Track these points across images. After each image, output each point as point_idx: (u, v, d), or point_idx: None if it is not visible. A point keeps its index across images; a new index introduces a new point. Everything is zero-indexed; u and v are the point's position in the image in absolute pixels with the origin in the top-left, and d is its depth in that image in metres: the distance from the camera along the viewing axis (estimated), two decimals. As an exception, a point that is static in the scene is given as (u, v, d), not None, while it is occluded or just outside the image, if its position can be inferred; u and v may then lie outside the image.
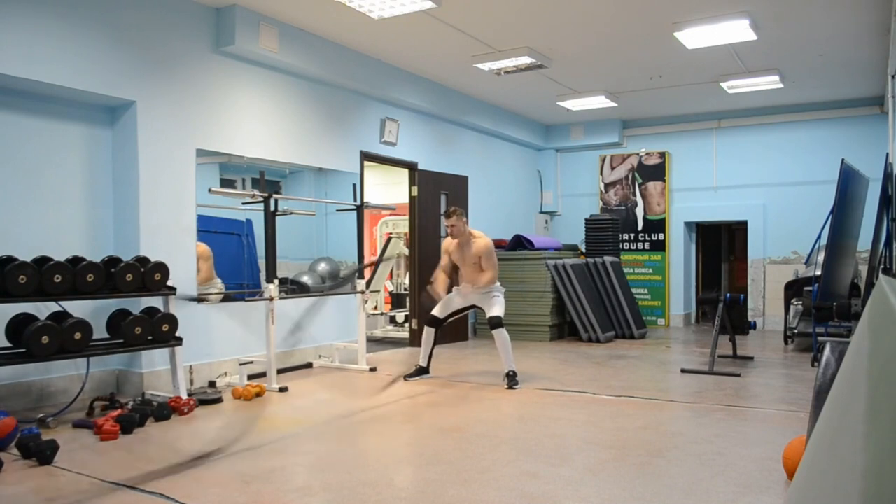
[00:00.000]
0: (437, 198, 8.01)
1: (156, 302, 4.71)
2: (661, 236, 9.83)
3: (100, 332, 4.39)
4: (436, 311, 5.56)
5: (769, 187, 9.18)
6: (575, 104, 8.70)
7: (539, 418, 4.21)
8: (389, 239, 8.99)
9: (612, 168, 10.16)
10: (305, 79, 6.30)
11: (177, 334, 4.58)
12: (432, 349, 5.57)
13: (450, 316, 5.60)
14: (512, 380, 5.16)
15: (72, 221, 4.82)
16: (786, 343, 7.62)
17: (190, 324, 5.03)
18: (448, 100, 8.06)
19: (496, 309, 5.38)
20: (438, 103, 7.88)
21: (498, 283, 5.55)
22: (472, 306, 5.62)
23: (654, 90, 8.28)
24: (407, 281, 8.59)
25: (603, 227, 9.06)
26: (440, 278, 5.59)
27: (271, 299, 5.16)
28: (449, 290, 5.60)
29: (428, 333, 5.55)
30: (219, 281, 5.88)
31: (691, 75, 7.62)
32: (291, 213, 5.91)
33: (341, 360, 6.29)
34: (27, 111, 4.58)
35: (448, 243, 5.63)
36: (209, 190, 5.10)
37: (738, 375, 5.59)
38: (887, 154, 6.33)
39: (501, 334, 5.25)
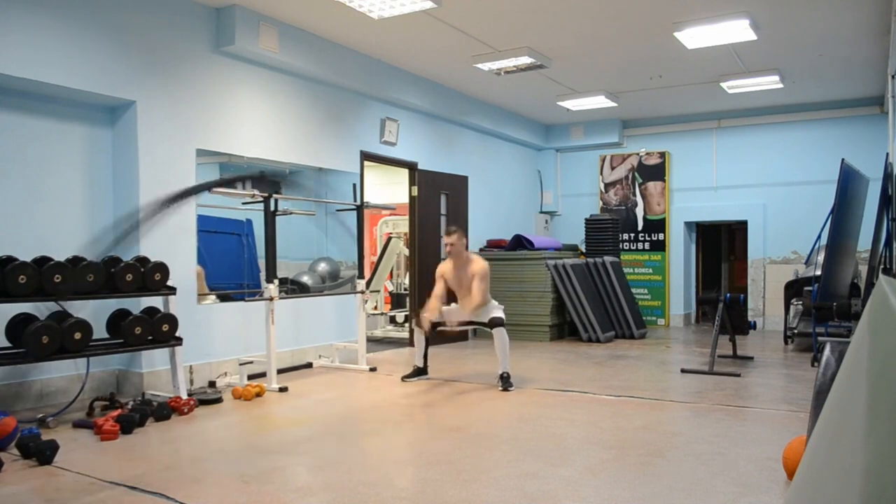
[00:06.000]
0: (437, 198, 8.01)
1: (156, 302, 4.71)
2: (661, 236, 9.83)
3: (100, 332, 4.39)
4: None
5: (769, 187, 9.18)
6: (575, 104, 8.70)
7: (539, 418, 4.21)
8: (389, 239, 8.99)
9: (612, 168, 10.16)
10: (305, 79, 6.30)
11: (177, 334, 4.58)
12: (426, 349, 5.57)
13: (440, 324, 5.43)
14: (506, 382, 5.13)
15: (72, 221, 4.82)
16: (786, 343, 7.62)
17: (190, 324, 5.03)
18: (448, 100, 8.06)
19: (497, 312, 5.36)
20: (438, 103, 7.88)
21: (495, 302, 5.50)
22: (470, 322, 5.50)
23: (654, 90, 8.28)
24: (407, 281, 8.59)
25: (603, 227, 9.06)
26: (433, 306, 5.40)
27: (271, 299, 5.16)
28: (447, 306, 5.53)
29: (419, 333, 5.54)
30: (210, 293, 5.82)
31: (691, 75, 7.62)
32: (291, 213, 5.91)
33: (341, 360, 6.30)
34: (27, 111, 4.58)
35: (443, 268, 5.53)
36: (209, 190, 5.10)
37: (738, 375, 5.59)
38: (887, 154, 6.33)
39: (501, 333, 5.23)
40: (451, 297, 5.62)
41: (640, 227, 9.97)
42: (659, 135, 9.94)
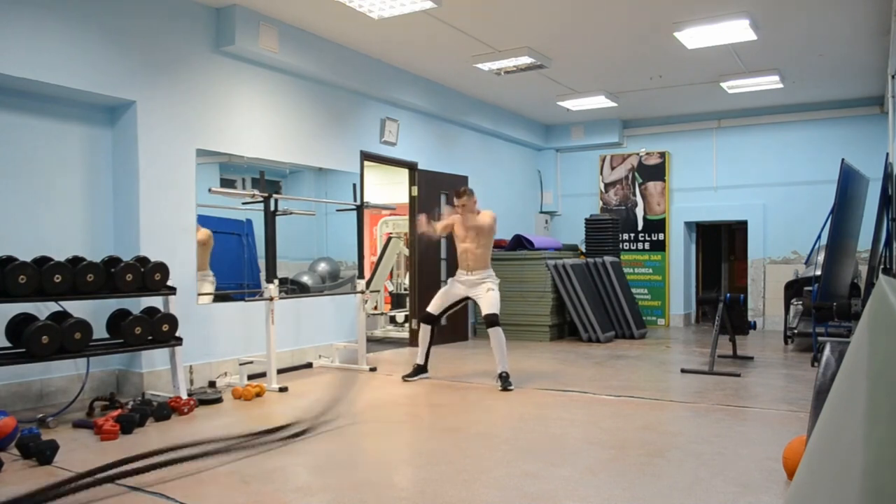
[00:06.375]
0: (437, 198, 8.01)
1: (156, 302, 4.71)
2: (661, 236, 9.83)
3: (100, 332, 4.39)
4: (431, 308, 5.52)
5: (769, 187, 9.18)
6: (575, 104, 8.70)
7: (539, 418, 4.21)
8: (389, 239, 8.99)
9: (612, 168, 10.16)
10: (305, 79, 6.30)
11: (177, 334, 4.58)
12: (429, 347, 5.56)
13: (445, 311, 5.53)
14: (505, 381, 5.12)
15: (72, 221, 4.82)
16: (786, 343, 7.62)
17: (190, 324, 5.04)
18: (448, 100, 8.06)
19: (492, 305, 5.31)
20: (438, 103, 7.88)
21: (493, 273, 5.49)
22: (467, 298, 5.51)
23: (654, 90, 8.28)
24: (407, 281, 8.59)
25: (603, 227, 9.06)
26: (437, 225, 5.51)
27: (271, 299, 5.16)
28: (446, 281, 5.53)
29: (424, 331, 5.53)
30: (210, 273, 5.76)
31: (691, 75, 7.62)
32: (291, 213, 5.91)
33: (341, 360, 6.29)
34: (27, 111, 4.58)
35: (456, 217, 5.49)
36: (209, 190, 5.10)
37: (738, 375, 5.59)
38: (887, 154, 6.34)
39: (497, 333, 5.22)
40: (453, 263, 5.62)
41: (640, 227, 9.97)
42: (659, 135, 9.94)
